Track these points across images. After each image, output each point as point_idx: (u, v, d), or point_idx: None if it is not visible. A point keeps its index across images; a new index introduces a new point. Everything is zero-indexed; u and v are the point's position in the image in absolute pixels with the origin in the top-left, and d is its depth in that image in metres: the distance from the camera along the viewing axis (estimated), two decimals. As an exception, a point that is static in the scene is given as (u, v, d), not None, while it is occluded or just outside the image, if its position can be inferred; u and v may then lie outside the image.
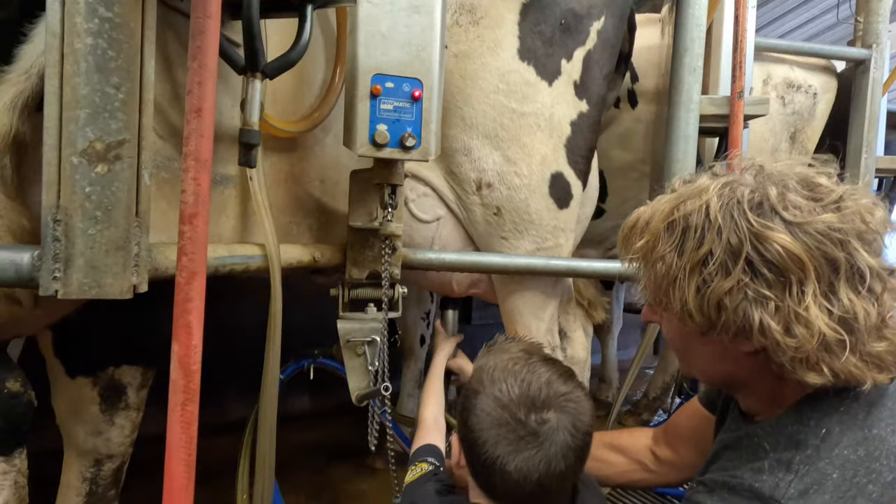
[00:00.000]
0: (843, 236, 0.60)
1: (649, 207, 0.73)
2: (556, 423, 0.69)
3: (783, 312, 0.59)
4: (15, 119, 0.72)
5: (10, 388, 0.77)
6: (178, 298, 0.64)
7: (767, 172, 0.66)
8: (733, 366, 0.68)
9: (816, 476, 0.59)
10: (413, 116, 1.08)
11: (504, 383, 0.72)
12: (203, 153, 0.63)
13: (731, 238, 0.61)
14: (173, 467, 0.64)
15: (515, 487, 0.67)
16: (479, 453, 0.70)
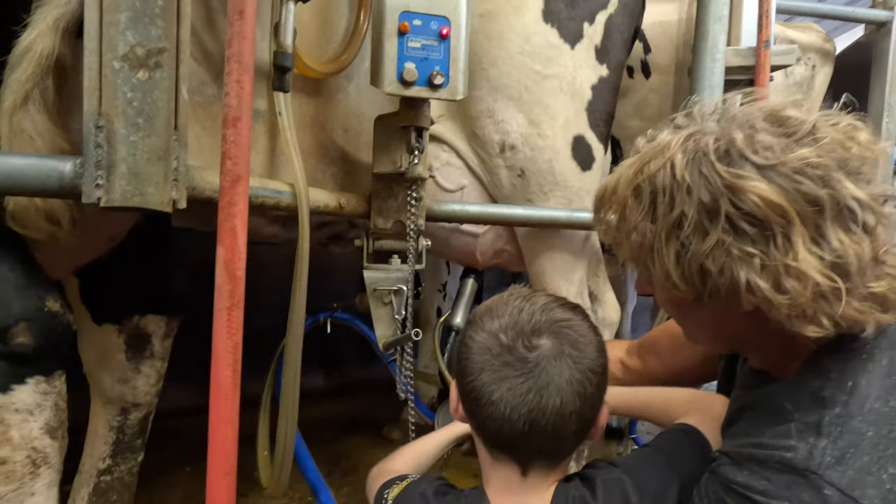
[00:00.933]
0: (824, 171, 0.54)
1: (615, 174, 0.66)
2: (548, 350, 0.60)
3: (770, 268, 0.54)
4: (57, 41, 0.71)
5: (51, 307, 0.77)
6: (223, 203, 0.63)
7: (731, 115, 0.60)
8: (734, 329, 0.63)
9: (851, 437, 0.54)
10: (441, 55, 1.07)
11: (496, 312, 0.65)
12: (246, 55, 0.63)
13: (702, 195, 0.55)
14: (220, 372, 0.64)
15: (504, 422, 0.60)
16: (466, 385, 0.63)
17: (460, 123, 1.39)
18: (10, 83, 0.70)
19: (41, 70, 0.70)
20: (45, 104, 0.73)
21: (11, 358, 0.74)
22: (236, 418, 0.65)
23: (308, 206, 0.98)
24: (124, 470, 1.28)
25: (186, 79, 0.71)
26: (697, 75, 1.44)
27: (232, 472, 0.65)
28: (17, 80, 0.69)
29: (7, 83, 0.70)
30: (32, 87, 0.70)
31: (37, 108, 0.71)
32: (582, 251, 1.46)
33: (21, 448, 0.75)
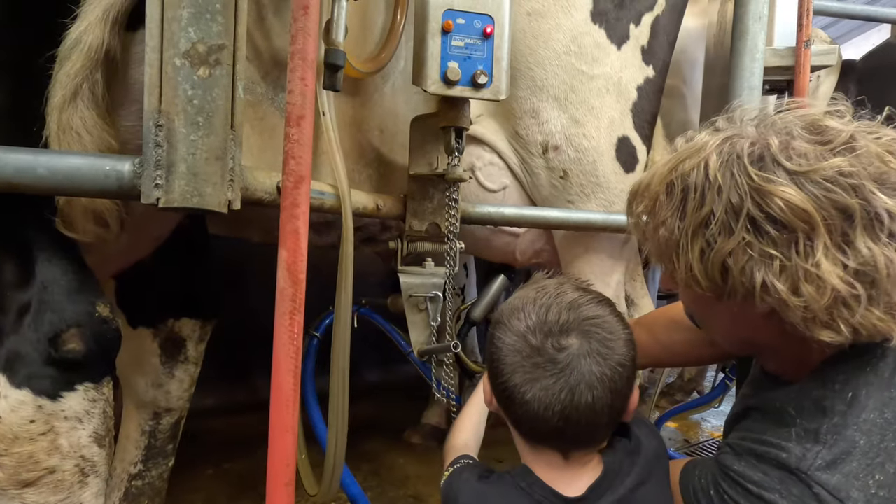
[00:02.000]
0: (857, 180, 0.55)
1: (650, 171, 0.69)
2: (578, 349, 0.61)
3: (790, 271, 0.55)
4: (106, 33, 0.69)
5: (101, 313, 0.76)
6: (286, 203, 0.61)
7: (770, 121, 0.62)
8: (752, 330, 0.65)
9: (844, 445, 0.57)
10: (485, 54, 1.05)
11: (523, 311, 0.65)
12: (309, 52, 0.61)
13: (731, 196, 0.57)
14: (281, 378, 0.61)
15: (537, 420, 0.62)
16: (498, 385, 0.65)
17: (502, 123, 1.37)
18: (60, 78, 0.68)
19: (91, 63, 0.68)
20: (93, 99, 0.71)
21: (62, 364, 0.72)
22: (296, 427, 0.63)
23: (351, 208, 0.96)
24: (155, 475, 1.26)
25: (243, 76, 0.69)
26: (736, 75, 1.41)
27: (291, 482, 0.63)
28: (66, 75, 0.67)
29: (56, 78, 0.68)
30: (82, 81, 0.68)
31: (86, 103, 0.69)
32: (620, 254, 1.44)
33: (70, 456, 0.74)
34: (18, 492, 0.71)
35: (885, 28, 2.31)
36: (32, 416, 0.71)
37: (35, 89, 0.70)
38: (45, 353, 0.72)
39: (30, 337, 0.71)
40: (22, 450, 0.71)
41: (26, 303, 0.72)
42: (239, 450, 2.08)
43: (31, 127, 0.70)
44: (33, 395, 0.71)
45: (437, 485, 2.12)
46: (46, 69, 0.69)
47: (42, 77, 0.70)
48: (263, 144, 0.92)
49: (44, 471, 0.72)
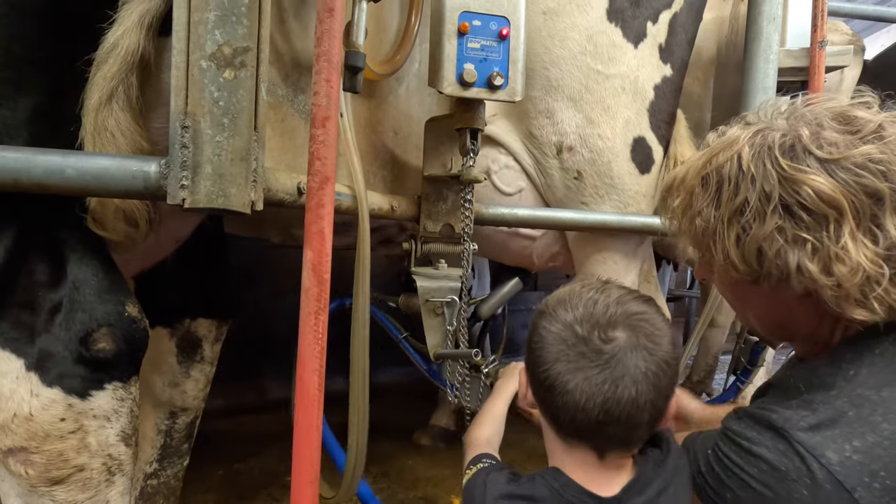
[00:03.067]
0: (886, 167, 0.59)
1: (685, 166, 0.73)
2: (624, 342, 0.61)
3: (821, 252, 0.59)
4: (142, 38, 0.71)
5: (130, 312, 0.76)
6: (311, 204, 0.62)
7: (800, 113, 0.65)
8: (786, 312, 0.68)
9: (831, 413, 0.60)
10: (500, 55, 1.06)
11: (570, 303, 0.65)
12: (334, 54, 0.61)
13: (764, 185, 0.61)
14: (306, 377, 0.62)
15: (578, 411, 0.60)
16: (539, 374, 0.64)
17: (516, 123, 1.36)
18: (97, 80, 0.69)
19: (126, 67, 0.69)
20: (128, 102, 0.72)
21: (92, 363, 0.73)
22: (321, 425, 0.63)
23: (367, 209, 0.97)
24: (170, 474, 1.27)
25: (266, 78, 0.70)
26: (750, 76, 1.40)
27: (316, 480, 0.63)
28: (103, 77, 0.69)
29: (93, 80, 0.69)
30: (117, 84, 0.69)
31: (120, 105, 0.70)
32: (634, 255, 1.43)
33: (98, 455, 0.74)
34: (48, 489, 0.72)
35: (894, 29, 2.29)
36: (63, 414, 0.72)
37: (72, 91, 0.72)
38: (76, 352, 0.72)
39: (61, 336, 0.72)
40: (52, 447, 0.72)
41: (58, 302, 0.73)
42: (249, 450, 2.09)
43: (68, 127, 0.71)
44: (64, 394, 0.72)
45: (447, 487, 2.13)
46: (83, 72, 0.71)
47: (79, 79, 0.71)
48: (284, 146, 0.93)
49: (73, 469, 0.73)
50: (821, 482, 0.57)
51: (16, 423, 0.72)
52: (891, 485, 0.55)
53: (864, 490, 0.55)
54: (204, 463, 1.93)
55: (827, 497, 0.57)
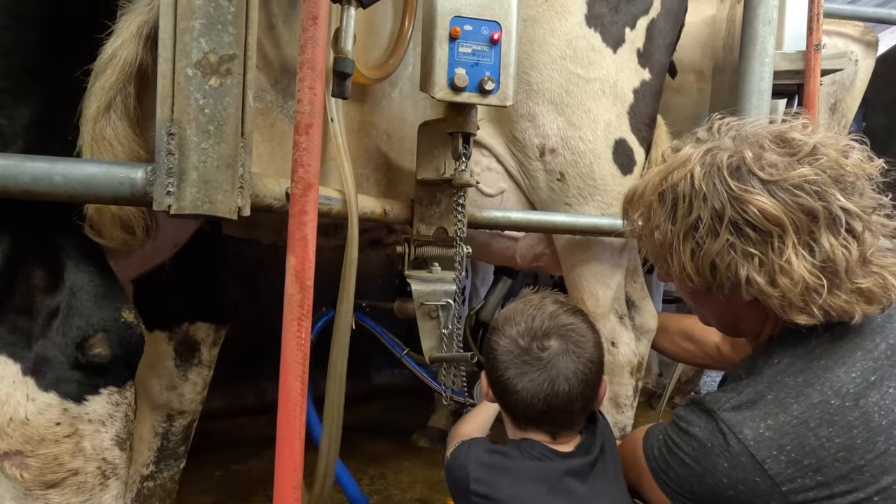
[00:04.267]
0: (820, 187, 0.65)
1: (643, 179, 0.79)
2: (557, 349, 0.78)
3: (767, 266, 0.65)
4: (140, 48, 0.72)
5: (126, 318, 0.77)
6: (294, 211, 0.62)
7: (744, 135, 0.72)
8: (738, 315, 0.76)
9: (752, 395, 0.68)
10: (492, 60, 1.06)
11: (514, 321, 0.82)
12: (318, 61, 0.62)
13: (714, 203, 0.67)
14: (289, 383, 0.62)
15: (526, 406, 0.78)
16: (494, 378, 0.81)
17: (499, 127, 1.38)
18: (95, 90, 0.70)
19: (125, 77, 0.70)
20: (126, 111, 0.73)
21: (87, 368, 0.74)
22: (304, 432, 0.64)
23: (357, 214, 0.97)
24: (167, 476, 1.28)
25: (252, 85, 0.71)
26: (745, 80, 1.40)
27: (299, 486, 0.64)
28: (101, 87, 0.69)
29: (91, 90, 0.70)
30: (115, 94, 0.70)
31: (118, 115, 0.71)
32: (620, 257, 1.44)
33: (92, 459, 0.75)
34: (43, 492, 0.73)
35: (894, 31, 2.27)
36: (58, 418, 0.73)
37: (70, 101, 0.73)
38: (73, 357, 0.73)
39: (58, 341, 0.73)
40: (48, 451, 0.73)
41: (55, 307, 0.74)
42: (247, 451, 2.10)
43: (66, 137, 0.72)
44: (59, 398, 0.73)
45: (444, 489, 2.13)
46: (81, 82, 0.72)
47: (77, 89, 0.72)
48: (273, 151, 0.94)
49: (68, 472, 0.74)
50: (737, 455, 0.65)
51: (11, 427, 0.73)
52: (795, 457, 0.63)
53: (773, 462, 0.63)
54: (202, 464, 1.95)
55: (743, 468, 0.64)
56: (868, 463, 0.62)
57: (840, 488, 0.61)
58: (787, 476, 0.63)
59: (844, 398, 0.64)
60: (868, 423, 0.63)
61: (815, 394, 0.65)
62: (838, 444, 0.62)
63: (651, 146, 1.48)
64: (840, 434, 0.63)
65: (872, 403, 0.64)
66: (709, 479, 0.67)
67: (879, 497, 0.61)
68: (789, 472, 0.63)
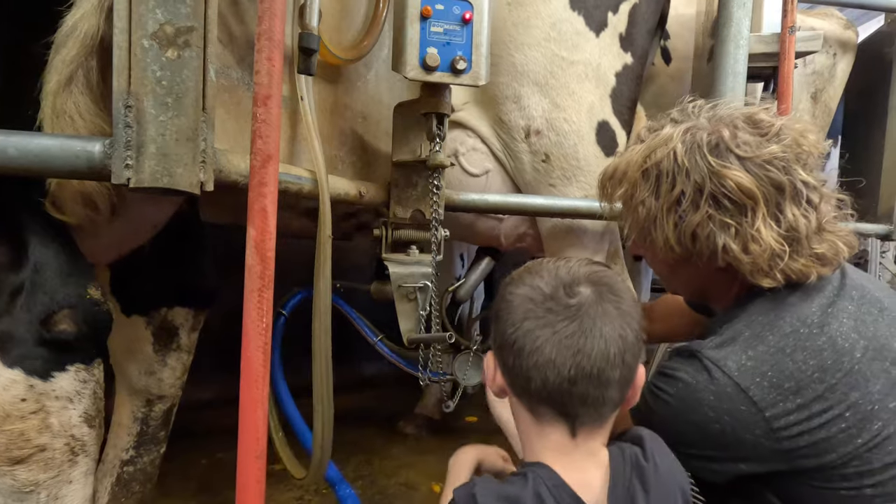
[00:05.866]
0: (786, 163, 0.72)
1: (623, 158, 0.83)
2: (590, 296, 0.61)
3: (741, 235, 0.72)
4: (101, 21, 0.70)
5: (92, 295, 0.77)
6: (253, 183, 0.62)
7: (719, 115, 0.78)
8: (708, 281, 0.82)
9: (731, 334, 0.74)
10: (464, 40, 1.06)
11: (534, 271, 0.67)
12: (276, 32, 0.62)
13: (696, 178, 0.73)
14: (250, 353, 0.63)
15: (549, 369, 0.58)
16: (508, 339, 0.62)
17: (485, 110, 1.39)
18: (55, 63, 0.69)
19: (86, 51, 0.69)
20: (88, 85, 0.72)
21: (53, 345, 0.74)
22: (266, 402, 0.64)
23: (328, 192, 0.97)
24: (147, 461, 1.28)
25: (214, 59, 0.70)
26: (720, 62, 1.41)
27: (262, 456, 0.64)
28: (61, 61, 0.68)
29: (52, 63, 0.69)
30: (76, 67, 0.69)
31: (80, 89, 0.70)
32: (601, 239, 1.45)
33: (60, 435, 0.75)
34: (9, 468, 0.73)
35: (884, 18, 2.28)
36: (24, 394, 0.73)
37: (29, 75, 0.71)
38: (37, 333, 0.73)
39: (22, 318, 0.72)
40: (13, 427, 0.72)
41: (19, 284, 0.73)
42: (232, 441, 2.09)
43: (26, 111, 0.71)
44: (25, 375, 0.73)
45: (429, 474, 2.15)
46: (42, 55, 0.70)
47: (38, 63, 0.71)
48: (240, 128, 0.93)
49: (34, 448, 0.74)
50: (723, 386, 0.69)
51: (-25, 403, 0.72)
52: (776, 382, 0.68)
53: (756, 388, 0.68)
54: (188, 452, 1.95)
55: (728, 398, 0.69)
56: (838, 381, 0.68)
57: (817, 408, 0.67)
58: (770, 401, 0.68)
59: (811, 326, 0.71)
60: (834, 346, 0.70)
61: (786, 325, 0.72)
62: (812, 365, 0.68)
63: (632, 129, 1.50)
64: (813, 356, 0.69)
65: (834, 329, 0.71)
66: (693, 416, 0.71)
67: (850, 412, 0.67)
68: (772, 397, 0.68)
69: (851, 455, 0.66)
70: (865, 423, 0.67)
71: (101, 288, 0.79)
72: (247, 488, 0.62)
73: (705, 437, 0.71)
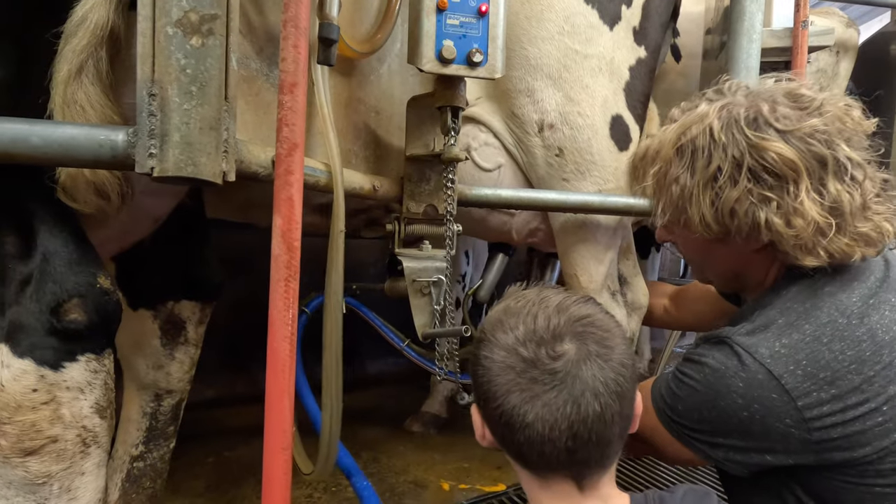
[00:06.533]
0: (828, 136, 0.70)
1: (655, 139, 0.82)
2: (575, 354, 0.56)
3: (783, 209, 0.69)
4: (111, 12, 0.70)
5: (102, 284, 0.76)
6: (280, 171, 0.61)
7: (757, 91, 0.76)
8: (745, 263, 0.80)
9: (764, 321, 0.72)
10: (480, 32, 1.05)
11: (508, 324, 0.60)
12: (302, 19, 0.61)
13: (734, 153, 0.70)
14: (277, 345, 0.62)
15: (545, 444, 0.54)
16: (493, 411, 0.57)
17: (497, 104, 1.38)
18: (65, 53, 0.68)
19: (96, 41, 0.68)
20: (98, 75, 0.71)
21: (63, 334, 0.73)
22: (293, 393, 0.64)
23: (342, 185, 0.97)
24: (157, 457, 1.27)
25: (236, 49, 0.69)
26: (734, 56, 1.41)
27: (288, 448, 0.63)
28: (71, 50, 0.68)
29: (62, 53, 0.69)
30: (87, 57, 0.68)
31: (90, 79, 0.69)
32: (614, 234, 1.44)
33: (72, 426, 0.74)
34: (21, 460, 0.72)
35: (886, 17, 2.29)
36: (35, 385, 0.72)
37: (41, 63, 0.71)
38: (48, 323, 0.72)
39: (31, 308, 0.71)
40: (24, 418, 0.71)
41: (28, 274, 0.72)
42: (239, 439, 2.09)
43: (36, 100, 0.70)
44: (35, 365, 0.72)
45: (437, 472, 2.14)
46: (53, 44, 0.70)
47: (49, 51, 0.70)
48: (258, 120, 0.93)
49: (46, 439, 0.73)
50: (753, 373, 0.67)
51: (-14, 394, 0.71)
52: (811, 371, 0.66)
53: (790, 376, 0.66)
54: (195, 451, 1.94)
55: (759, 385, 0.67)
56: (877, 374, 0.65)
57: (852, 400, 0.64)
58: (803, 390, 0.65)
59: (850, 317, 0.69)
60: (874, 338, 0.67)
61: (823, 315, 0.69)
62: (850, 356, 0.66)
63: (645, 123, 1.49)
64: (851, 347, 0.67)
65: (875, 321, 0.69)
66: (721, 402, 0.68)
67: (888, 406, 0.65)
68: (805, 386, 0.65)
69: (888, 450, 0.64)
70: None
71: (110, 277, 0.78)
72: (272, 481, 0.61)
73: (732, 426, 0.68)
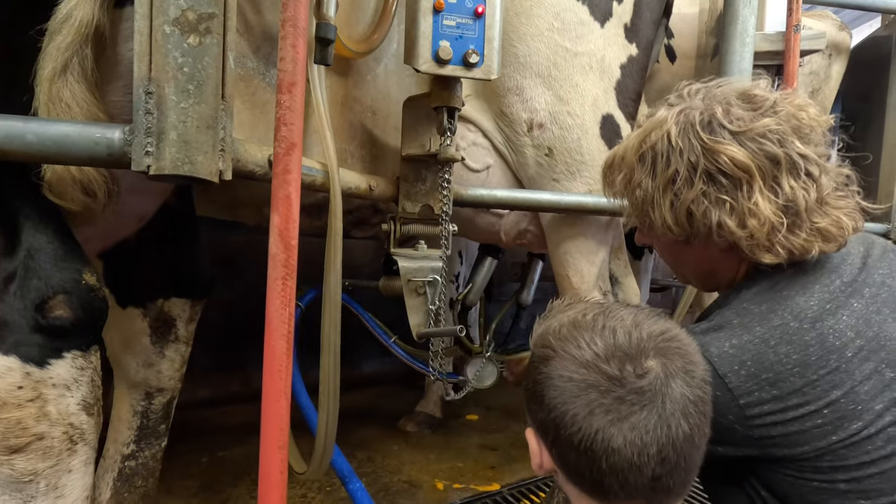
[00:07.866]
0: (781, 136, 0.71)
1: (621, 145, 0.84)
2: (662, 370, 0.52)
3: (738, 210, 0.71)
4: (96, 9, 0.69)
5: (88, 281, 0.75)
6: (277, 170, 0.62)
7: (713, 94, 0.77)
8: (714, 263, 0.81)
9: (720, 321, 0.74)
10: (476, 33, 1.06)
11: (580, 338, 0.55)
12: (300, 19, 0.61)
13: (690, 157, 0.72)
14: (274, 343, 0.62)
15: (630, 471, 0.49)
16: (568, 437, 0.52)
17: (486, 103, 1.37)
18: (50, 51, 0.68)
19: (81, 38, 0.68)
20: (83, 73, 0.71)
21: (49, 331, 0.72)
22: (289, 391, 0.64)
23: (339, 184, 0.97)
24: (148, 455, 1.26)
25: (233, 47, 0.69)
26: (727, 59, 1.43)
27: (285, 446, 0.63)
28: (56, 48, 0.67)
29: (46, 51, 0.68)
30: (72, 55, 0.68)
31: (75, 77, 0.69)
32: (605, 234, 1.45)
33: (58, 424, 0.74)
34: (7, 458, 0.71)
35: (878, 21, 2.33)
36: (20, 382, 0.71)
37: (26, 60, 0.70)
38: (32, 319, 0.71)
39: (16, 305, 0.71)
40: (10, 416, 0.71)
41: (12, 271, 0.72)
42: (233, 439, 2.09)
43: (21, 97, 0.70)
44: (21, 362, 0.71)
45: (432, 471, 2.15)
46: (37, 41, 0.69)
47: (34, 49, 0.70)
48: (255, 120, 0.92)
49: (32, 437, 0.72)
50: None
51: (-29, 391, 0.70)
52: (754, 371, 0.68)
53: (733, 376, 0.68)
54: (189, 450, 1.94)
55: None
56: (820, 378, 0.67)
57: (793, 402, 0.67)
58: (745, 389, 0.68)
59: (802, 321, 0.70)
60: (823, 343, 0.69)
61: (776, 318, 0.71)
62: (795, 360, 0.68)
63: (636, 122, 1.50)
64: (797, 351, 0.68)
65: (828, 327, 0.70)
66: None
67: (828, 409, 0.67)
68: (747, 386, 0.68)
69: (825, 450, 0.66)
70: (844, 421, 0.66)
71: (96, 274, 0.78)
72: (269, 479, 0.61)
73: None
